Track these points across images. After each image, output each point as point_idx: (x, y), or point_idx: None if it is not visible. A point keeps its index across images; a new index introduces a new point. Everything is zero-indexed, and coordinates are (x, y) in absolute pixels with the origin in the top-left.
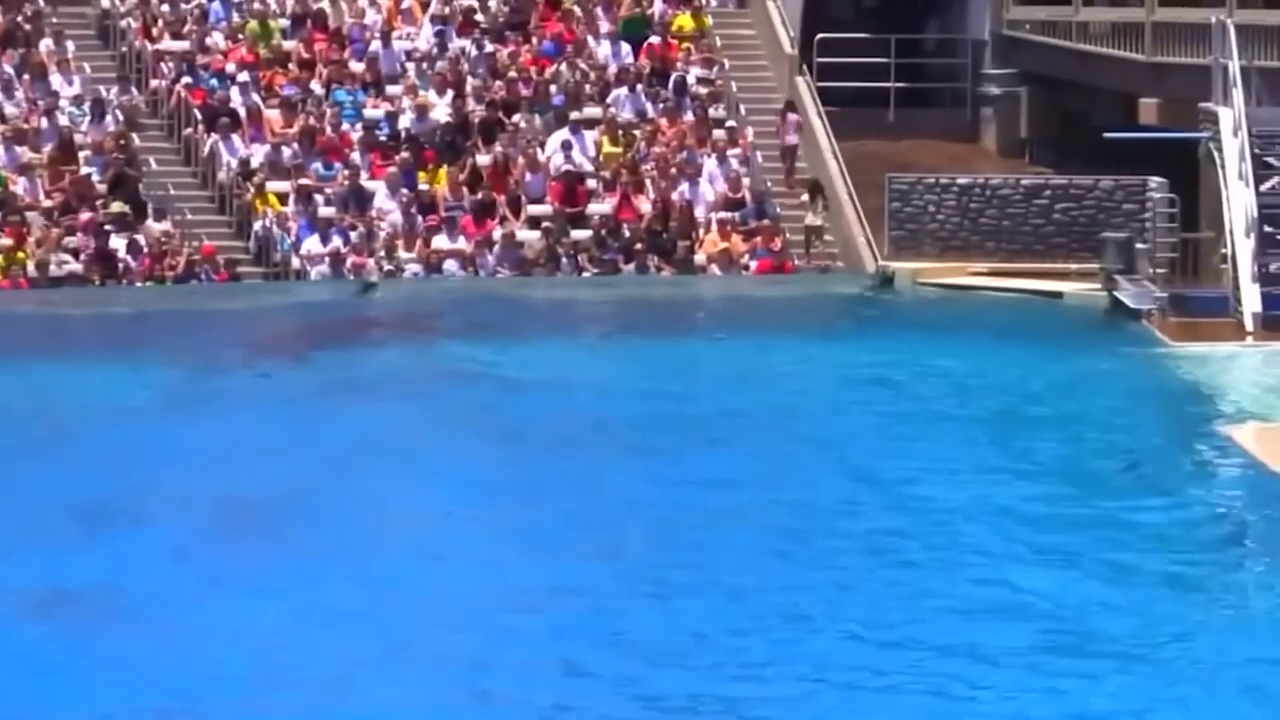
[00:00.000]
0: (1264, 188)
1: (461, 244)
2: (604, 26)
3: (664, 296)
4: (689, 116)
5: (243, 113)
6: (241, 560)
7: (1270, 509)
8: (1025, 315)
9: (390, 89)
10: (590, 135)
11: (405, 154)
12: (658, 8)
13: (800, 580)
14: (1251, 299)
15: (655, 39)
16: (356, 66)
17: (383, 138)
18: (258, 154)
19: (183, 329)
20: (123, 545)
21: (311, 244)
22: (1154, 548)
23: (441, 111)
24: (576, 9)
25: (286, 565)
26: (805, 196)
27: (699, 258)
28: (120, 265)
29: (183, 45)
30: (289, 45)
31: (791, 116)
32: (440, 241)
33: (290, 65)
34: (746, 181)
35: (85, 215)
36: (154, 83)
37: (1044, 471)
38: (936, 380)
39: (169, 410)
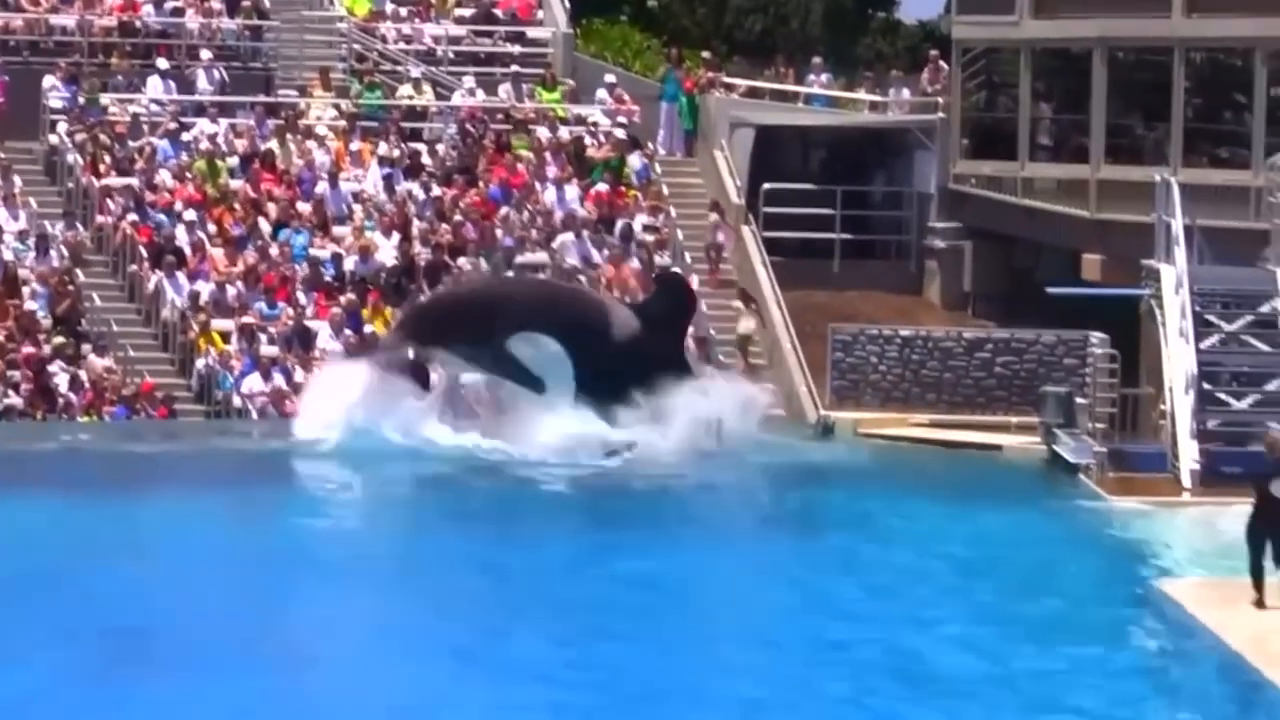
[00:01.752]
0: (1204, 345)
1: None
2: (551, 172)
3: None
4: (634, 263)
5: (188, 250)
6: None
7: (1201, 664)
8: (964, 467)
9: (337, 230)
10: None
11: (350, 295)
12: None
13: None
14: (1189, 456)
15: (603, 186)
16: (304, 207)
17: (328, 278)
18: (202, 292)
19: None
20: None
21: (253, 382)
22: (1080, 702)
23: (387, 254)
24: (528, 154)
25: None
26: (738, 303)
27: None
28: (61, 400)
29: (130, 182)
30: (236, 184)
31: (713, 216)
32: None
33: (237, 204)
34: (691, 329)
35: (28, 349)
36: (100, 219)
37: (973, 623)
38: (869, 532)
39: None
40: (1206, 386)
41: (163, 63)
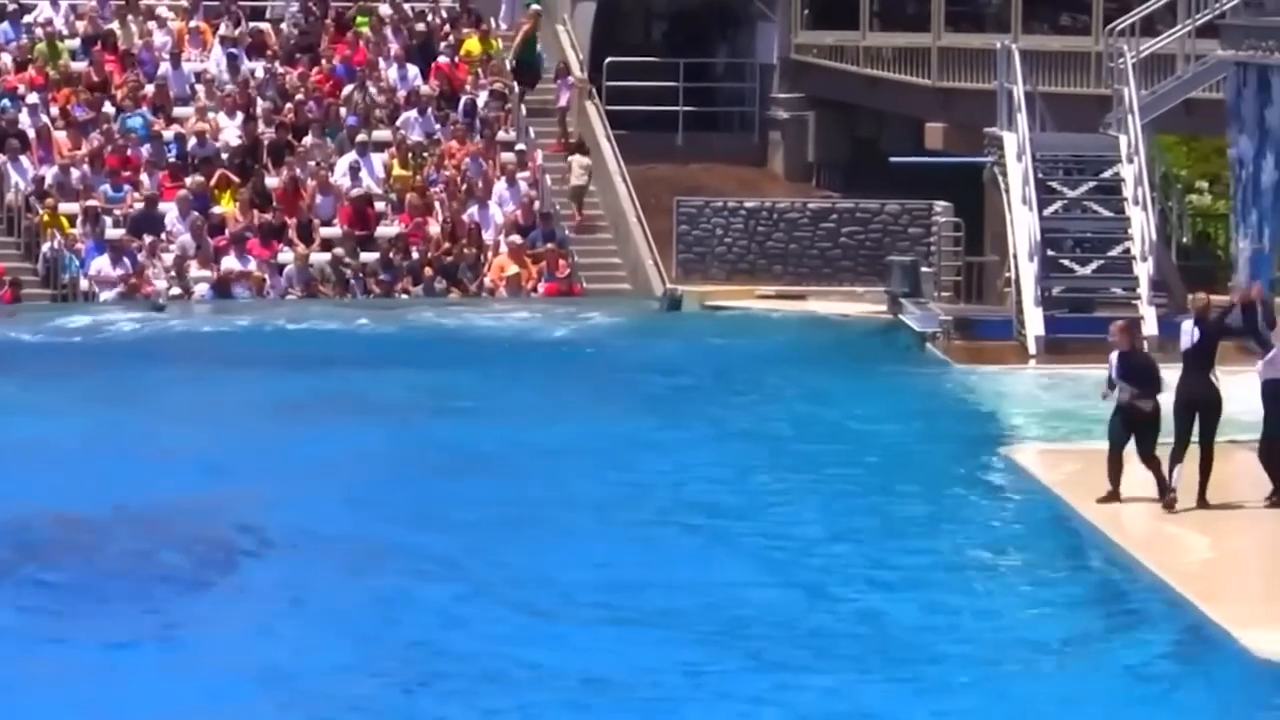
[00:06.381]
0: (1047, 212)
1: (251, 266)
2: (394, 49)
3: (431, 328)
4: (478, 139)
5: (32, 134)
6: None
7: (1046, 529)
8: (810, 337)
9: (180, 111)
10: (379, 158)
11: (196, 176)
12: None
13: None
14: (1034, 322)
15: (444, 59)
16: (147, 89)
17: (172, 159)
18: (47, 176)
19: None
20: None
21: (100, 265)
22: (925, 566)
23: (231, 133)
24: (367, 31)
25: None
26: (574, 157)
27: (488, 280)
28: None
29: None
30: (79, 66)
31: (568, 78)
32: (229, 263)
33: (80, 87)
34: (536, 205)
35: None
36: None
37: (820, 489)
38: (716, 402)
39: None
40: (1050, 253)
41: None
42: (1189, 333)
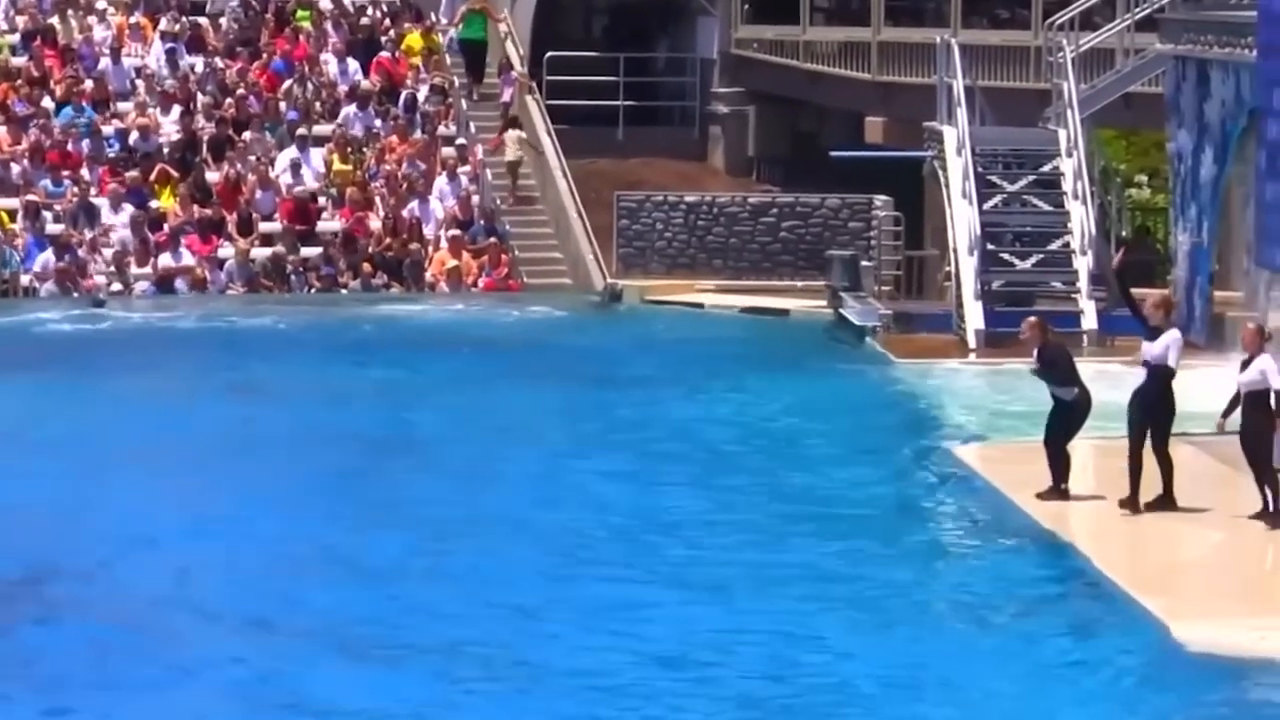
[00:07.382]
0: (987, 206)
1: (189, 261)
2: (334, 43)
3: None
4: (419, 134)
5: None
6: None
7: (990, 524)
8: (751, 332)
9: (120, 105)
10: (319, 153)
11: (135, 171)
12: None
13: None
14: (974, 316)
15: (385, 54)
16: (86, 84)
17: (112, 154)
18: None
19: None
20: None
21: (45, 261)
22: (869, 562)
23: (171, 129)
24: (308, 26)
25: None
26: (510, 133)
27: (428, 275)
28: None
29: None
30: (18, 61)
31: (510, 74)
32: (168, 259)
33: (20, 81)
34: (476, 200)
35: None
36: None
37: (762, 486)
38: (656, 399)
39: None
40: (990, 247)
41: None
42: (1178, 344)
